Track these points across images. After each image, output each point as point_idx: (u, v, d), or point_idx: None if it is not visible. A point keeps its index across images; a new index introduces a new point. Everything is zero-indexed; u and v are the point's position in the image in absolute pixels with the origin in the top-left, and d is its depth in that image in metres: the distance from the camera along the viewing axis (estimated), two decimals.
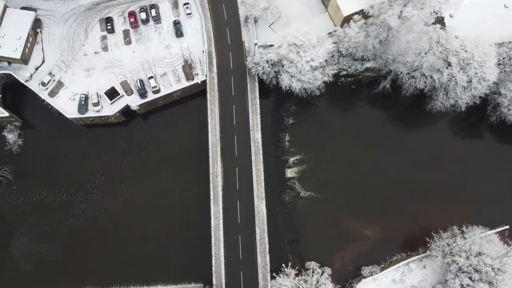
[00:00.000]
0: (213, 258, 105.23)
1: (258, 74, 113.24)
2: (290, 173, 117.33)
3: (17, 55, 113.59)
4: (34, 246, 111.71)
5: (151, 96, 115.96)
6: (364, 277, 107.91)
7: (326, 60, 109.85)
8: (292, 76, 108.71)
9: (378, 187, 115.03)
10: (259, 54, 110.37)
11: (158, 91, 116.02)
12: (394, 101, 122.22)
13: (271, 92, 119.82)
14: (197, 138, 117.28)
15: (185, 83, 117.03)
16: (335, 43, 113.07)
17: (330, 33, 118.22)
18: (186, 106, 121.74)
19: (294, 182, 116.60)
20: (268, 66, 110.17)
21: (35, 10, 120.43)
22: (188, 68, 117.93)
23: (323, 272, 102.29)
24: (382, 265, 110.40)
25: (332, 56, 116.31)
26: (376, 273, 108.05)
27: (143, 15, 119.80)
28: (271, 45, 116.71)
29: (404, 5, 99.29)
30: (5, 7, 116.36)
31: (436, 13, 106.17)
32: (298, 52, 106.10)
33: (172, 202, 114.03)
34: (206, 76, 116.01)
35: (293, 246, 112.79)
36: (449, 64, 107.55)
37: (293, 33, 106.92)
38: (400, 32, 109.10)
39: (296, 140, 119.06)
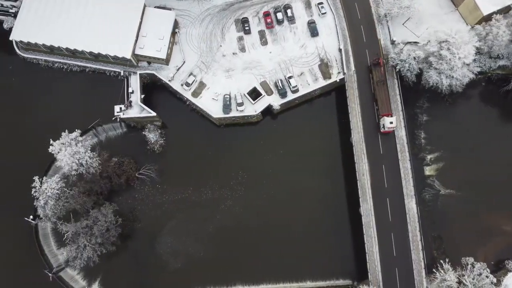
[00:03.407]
0: (366, 255, 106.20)
1: (400, 71, 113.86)
2: (428, 171, 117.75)
3: (162, 55, 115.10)
4: (182, 244, 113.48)
5: (290, 96, 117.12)
6: (510, 271, 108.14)
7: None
8: (440, 73, 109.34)
9: None
10: (407, 51, 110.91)
11: (297, 91, 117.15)
12: None
13: (402, 89, 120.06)
14: (334, 135, 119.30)
15: (322, 82, 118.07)
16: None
17: None
18: (320, 104, 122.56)
19: (433, 180, 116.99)
20: (415, 63, 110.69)
21: (169, 9, 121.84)
22: (324, 67, 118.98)
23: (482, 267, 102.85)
24: None
25: None
26: None
27: (279, 16, 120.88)
28: (409, 42, 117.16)
29: None
30: (144, 6, 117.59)
31: None
32: (449, 48, 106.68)
33: (313, 199, 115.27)
34: (344, 74, 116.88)
35: (437, 243, 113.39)
36: None
37: (444, 30, 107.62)
38: None
39: (432, 138, 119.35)
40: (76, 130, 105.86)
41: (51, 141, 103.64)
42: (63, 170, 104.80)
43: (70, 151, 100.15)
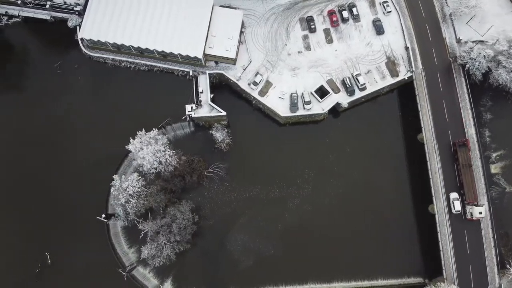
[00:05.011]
0: (441, 253, 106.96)
1: (468, 70, 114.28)
2: (494, 169, 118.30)
3: (232, 54, 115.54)
4: (252, 242, 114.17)
5: (358, 94, 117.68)
6: None
7: None
8: (509, 72, 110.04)
9: None
10: (477, 49, 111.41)
11: (365, 88, 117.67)
12: None
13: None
14: (400, 133, 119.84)
15: (390, 80, 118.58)
16: None
17: None
18: (384, 102, 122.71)
19: (499, 178, 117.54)
20: (485, 62, 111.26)
21: (235, 9, 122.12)
22: (391, 65, 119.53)
23: None
24: None
25: None
26: None
27: (344, 14, 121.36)
28: (476, 41, 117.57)
29: None
30: (213, 6, 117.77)
31: None
32: None
33: (381, 197, 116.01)
34: (412, 72, 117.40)
35: (504, 240, 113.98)
36: None
37: None
38: None
39: (497, 136, 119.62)
40: (154, 129, 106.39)
41: (130, 139, 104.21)
42: (141, 168, 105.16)
43: (152, 149, 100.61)
